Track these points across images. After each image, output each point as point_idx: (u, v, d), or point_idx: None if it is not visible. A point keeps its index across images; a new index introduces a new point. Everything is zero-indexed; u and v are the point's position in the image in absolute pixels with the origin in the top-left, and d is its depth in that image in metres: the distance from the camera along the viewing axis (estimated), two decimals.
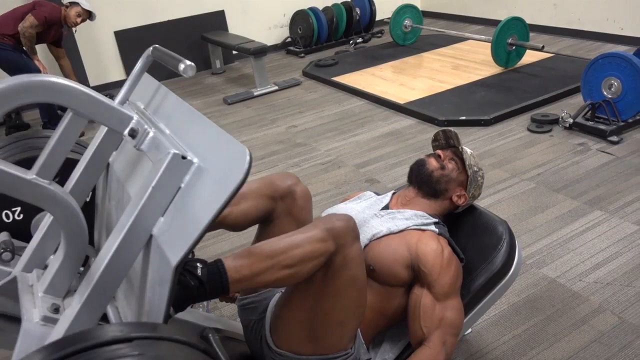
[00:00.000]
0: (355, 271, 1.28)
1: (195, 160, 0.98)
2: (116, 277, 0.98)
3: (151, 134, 1.05)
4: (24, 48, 4.30)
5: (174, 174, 0.97)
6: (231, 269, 1.15)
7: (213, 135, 1.01)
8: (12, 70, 4.24)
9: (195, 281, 1.11)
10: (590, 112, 3.51)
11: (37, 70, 4.36)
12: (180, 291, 1.09)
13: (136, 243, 0.98)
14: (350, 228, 1.26)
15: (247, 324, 1.53)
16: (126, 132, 1.04)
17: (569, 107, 3.79)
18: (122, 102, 1.23)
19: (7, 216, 1.63)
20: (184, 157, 0.97)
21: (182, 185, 0.98)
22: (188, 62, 1.07)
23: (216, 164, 0.96)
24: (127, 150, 1.27)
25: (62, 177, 1.33)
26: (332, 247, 1.22)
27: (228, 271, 1.14)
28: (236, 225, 1.55)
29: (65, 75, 4.61)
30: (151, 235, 0.99)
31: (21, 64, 4.25)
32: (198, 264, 1.14)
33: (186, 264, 1.14)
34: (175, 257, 0.93)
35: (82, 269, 1.22)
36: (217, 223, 1.45)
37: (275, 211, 1.56)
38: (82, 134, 4.51)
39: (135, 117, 1.05)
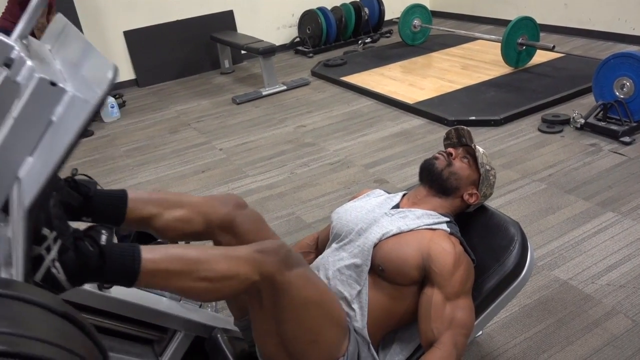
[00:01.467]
0: (301, 294, 1.21)
1: (69, 88, 0.82)
2: None
3: (29, 63, 0.89)
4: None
5: (41, 104, 0.82)
6: (147, 259, 1.04)
7: (97, 64, 0.88)
8: None
9: (96, 249, 0.99)
10: (602, 112, 3.47)
11: None
12: (75, 257, 0.97)
13: None
14: (279, 258, 1.17)
15: (250, 342, 1.51)
16: (1, 62, 0.89)
17: (581, 108, 3.75)
18: (22, 37, 1.10)
19: None
20: (54, 84, 0.81)
21: (54, 118, 0.82)
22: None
23: (87, 91, 0.83)
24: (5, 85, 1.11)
25: None
26: (255, 277, 1.13)
27: (143, 260, 1.03)
28: (165, 232, 1.38)
29: None
30: (19, 179, 0.85)
31: None
32: (104, 232, 1.03)
33: (90, 229, 1.03)
34: (28, 198, 0.80)
35: None
36: (141, 221, 1.35)
37: (216, 236, 1.45)
38: (91, 133, 4.52)
39: (16, 46, 0.90)
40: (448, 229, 1.50)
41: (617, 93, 3.43)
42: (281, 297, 1.18)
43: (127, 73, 5.79)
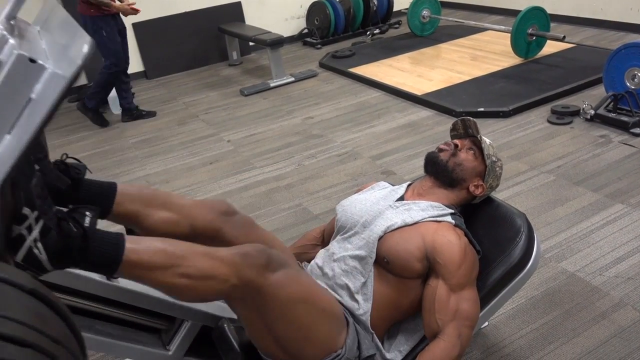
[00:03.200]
0: (286, 294, 1.20)
1: (48, 65, 0.81)
2: None
3: (11, 42, 0.87)
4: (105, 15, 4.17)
5: (19, 81, 0.80)
6: (130, 249, 1.02)
7: (76, 39, 0.87)
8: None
9: (80, 230, 0.97)
10: (612, 103, 3.43)
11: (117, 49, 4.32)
12: (57, 238, 0.95)
13: None
14: (259, 263, 1.16)
15: None
16: None
17: (591, 99, 3.71)
18: (8, 19, 1.10)
19: None
20: (32, 60, 0.80)
21: (33, 95, 0.81)
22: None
23: (67, 68, 0.82)
24: None
25: None
26: (233, 280, 1.12)
27: (126, 249, 1.02)
28: (149, 231, 1.36)
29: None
30: None
31: (101, 45, 4.18)
32: (88, 213, 1.00)
33: (74, 210, 1.01)
34: (0, 175, 0.79)
35: None
36: (126, 216, 1.33)
37: (201, 242, 1.39)
38: None
39: (1, 26, 0.89)
40: (453, 221, 1.50)
41: (628, 84, 3.40)
42: (264, 300, 1.18)
43: (135, 65, 5.79)
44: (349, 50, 5.69)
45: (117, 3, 4.23)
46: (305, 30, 6.54)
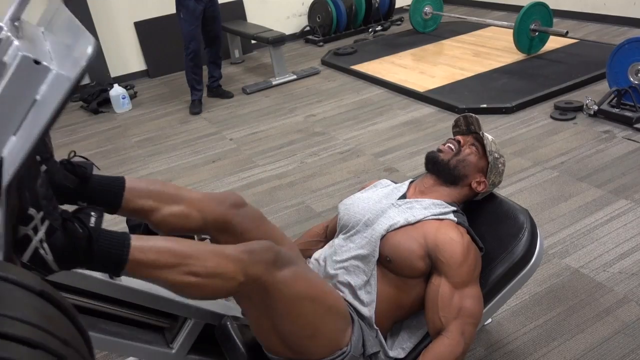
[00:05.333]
0: (293, 291, 1.20)
1: (53, 67, 0.82)
2: None
3: (15, 43, 0.88)
4: None
5: (25, 82, 0.81)
6: (136, 247, 1.02)
7: (80, 40, 0.87)
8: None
9: (85, 231, 0.97)
10: (615, 98, 3.42)
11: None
12: (63, 239, 0.95)
13: None
14: (267, 259, 1.16)
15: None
16: None
17: (594, 94, 3.69)
18: (13, 20, 1.10)
19: None
20: (37, 62, 0.80)
21: (38, 97, 0.82)
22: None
23: (71, 69, 0.82)
24: None
25: None
26: (240, 277, 1.12)
27: (132, 248, 1.02)
28: (160, 226, 1.37)
29: None
30: (2, 159, 0.84)
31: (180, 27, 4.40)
32: (93, 214, 1.00)
33: (79, 211, 1.01)
34: (6, 176, 0.80)
35: None
36: (138, 212, 1.34)
37: (213, 235, 1.44)
38: None
39: (5, 27, 0.90)
40: (455, 219, 1.50)
41: (632, 79, 3.38)
42: (271, 297, 1.18)
43: (138, 64, 5.81)
44: (351, 47, 5.68)
45: None
46: (307, 28, 6.53)
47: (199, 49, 4.50)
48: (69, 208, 1.06)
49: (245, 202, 1.48)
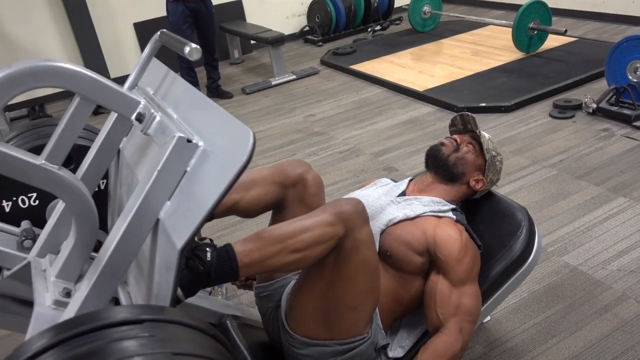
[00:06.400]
0: (366, 254, 1.27)
1: (200, 143, 0.98)
2: (124, 260, 0.98)
3: (158, 118, 1.05)
4: None
5: (179, 158, 0.97)
6: (241, 253, 1.15)
7: (219, 118, 1.00)
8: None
9: (205, 266, 1.12)
10: (614, 96, 3.42)
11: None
12: (189, 275, 1.10)
13: (143, 227, 0.98)
14: (358, 211, 1.25)
15: (265, 312, 1.53)
16: (133, 116, 1.04)
17: (593, 92, 3.69)
18: (131, 87, 1.23)
19: (23, 202, 1.66)
20: (189, 141, 0.97)
21: (188, 169, 0.98)
22: (193, 45, 1.06)
23: (221, 147, 0.95)
24: (137, 136, 1.27)
25: (76, 164, 1.33)
26: (341, 231, 1.20)
27: (238, 255, 1.15)
28: (248, 212, 1.54)
29: None
30: (158, 219, 1.00)
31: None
32: (208, 249, 1.14)
33: (196, 249, 1.14)
34: (180, 240, 0.93)
35: (95, 254, 1.23)
36: (229, 209, 1.48)
37: (286, 199, 1.55)
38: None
39: (143, 101, 1.05)
40: (454, 217, 1.50)
41: (630, 77, 3.38)
42: (351, 253, 1.24)
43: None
44: (350, 47, 5.69)
45: None
46: (307, 28, 6.53)
47: None
48: None
49: (310, 166, 1.62)
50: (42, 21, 5.13)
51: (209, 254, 1.13)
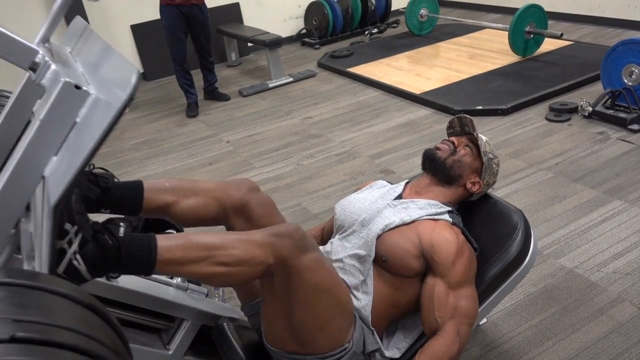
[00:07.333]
0: (314, 280, 1.23)
1: (92, 91, 0.86)
2: (3, 220, 0.89)
3: (53, 67, 0.92)
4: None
5: (66, 106, 0.85)
6: (163, 248, 1.08)
7: (119, 67, 0.92)
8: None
9: (114, 241, 1.03)
10: (610, 100, 3.44)
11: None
12: (95, 250, 1.01)
13: (24, 184, 0.87)
14: (294, 242, 1.19)
15: (256, 327, 1.53)
16: (27, 66, 0.93)
17: (589, 96, 3.72)
18: (43, 42, 1.11)
19: None
20: (78, 87, 0.85)
21: (78, 119, 0.86)
22: None
23: (109, 91, 0.87)
24: (46, 95, 1.15)
25: None
26: (270, 260, 1.15)
27: (159, 248, 1.07)
28: (181, 219, 1.44)
29: None
30: (44, 177, 0.88)
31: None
32: (122, 224, 1.06)
33: (109, 222, 1.07)
34: (54, 196, 0.84)
35: None
36: (159, 210, 1.40)
37: (229, 218, 1.48)
38: None
39: (41, 51, 0.94)
40: (450, 219, 1.51)
41: (626, 80, 3.40)
42: (294, 280, 1.20)
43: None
44: (347, 50, 5.70)
45: None
46: (304, 31, 6.55)
47: (183, 54, 4.53)
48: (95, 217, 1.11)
49: (259, 187, 1.54)
50: (38, 22, 5.11)
51: (122, 229, 1.05)
